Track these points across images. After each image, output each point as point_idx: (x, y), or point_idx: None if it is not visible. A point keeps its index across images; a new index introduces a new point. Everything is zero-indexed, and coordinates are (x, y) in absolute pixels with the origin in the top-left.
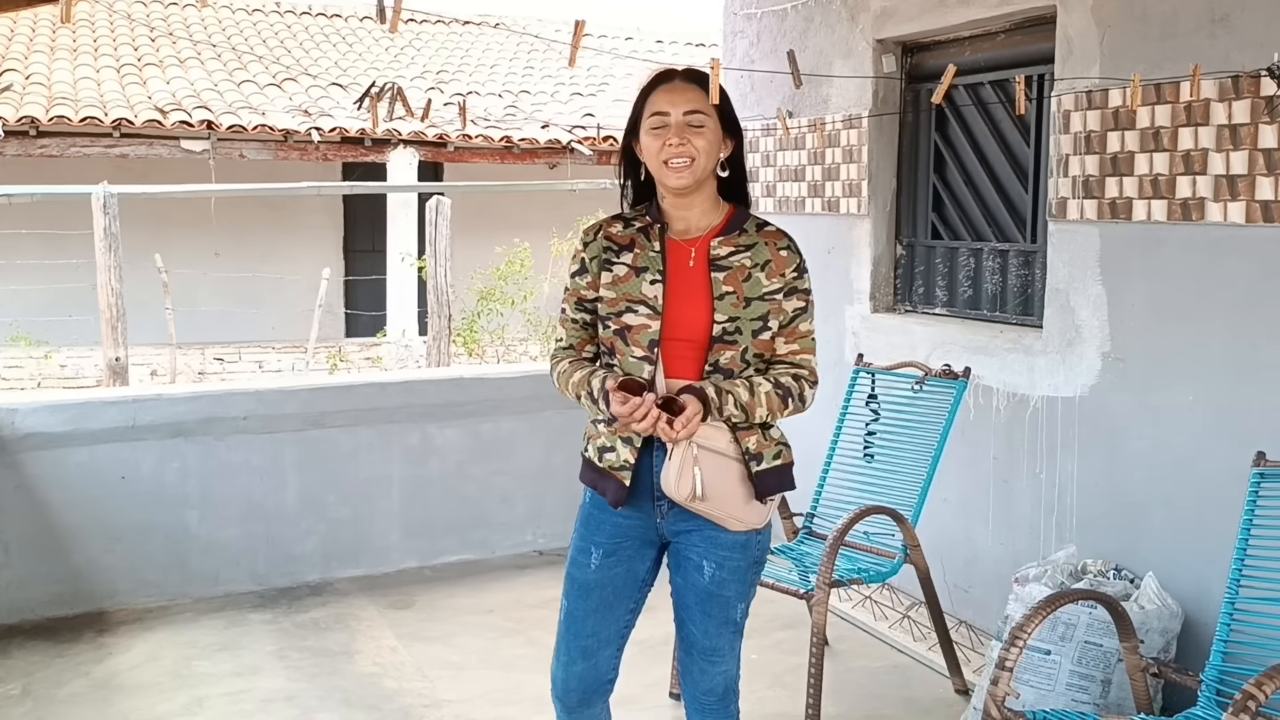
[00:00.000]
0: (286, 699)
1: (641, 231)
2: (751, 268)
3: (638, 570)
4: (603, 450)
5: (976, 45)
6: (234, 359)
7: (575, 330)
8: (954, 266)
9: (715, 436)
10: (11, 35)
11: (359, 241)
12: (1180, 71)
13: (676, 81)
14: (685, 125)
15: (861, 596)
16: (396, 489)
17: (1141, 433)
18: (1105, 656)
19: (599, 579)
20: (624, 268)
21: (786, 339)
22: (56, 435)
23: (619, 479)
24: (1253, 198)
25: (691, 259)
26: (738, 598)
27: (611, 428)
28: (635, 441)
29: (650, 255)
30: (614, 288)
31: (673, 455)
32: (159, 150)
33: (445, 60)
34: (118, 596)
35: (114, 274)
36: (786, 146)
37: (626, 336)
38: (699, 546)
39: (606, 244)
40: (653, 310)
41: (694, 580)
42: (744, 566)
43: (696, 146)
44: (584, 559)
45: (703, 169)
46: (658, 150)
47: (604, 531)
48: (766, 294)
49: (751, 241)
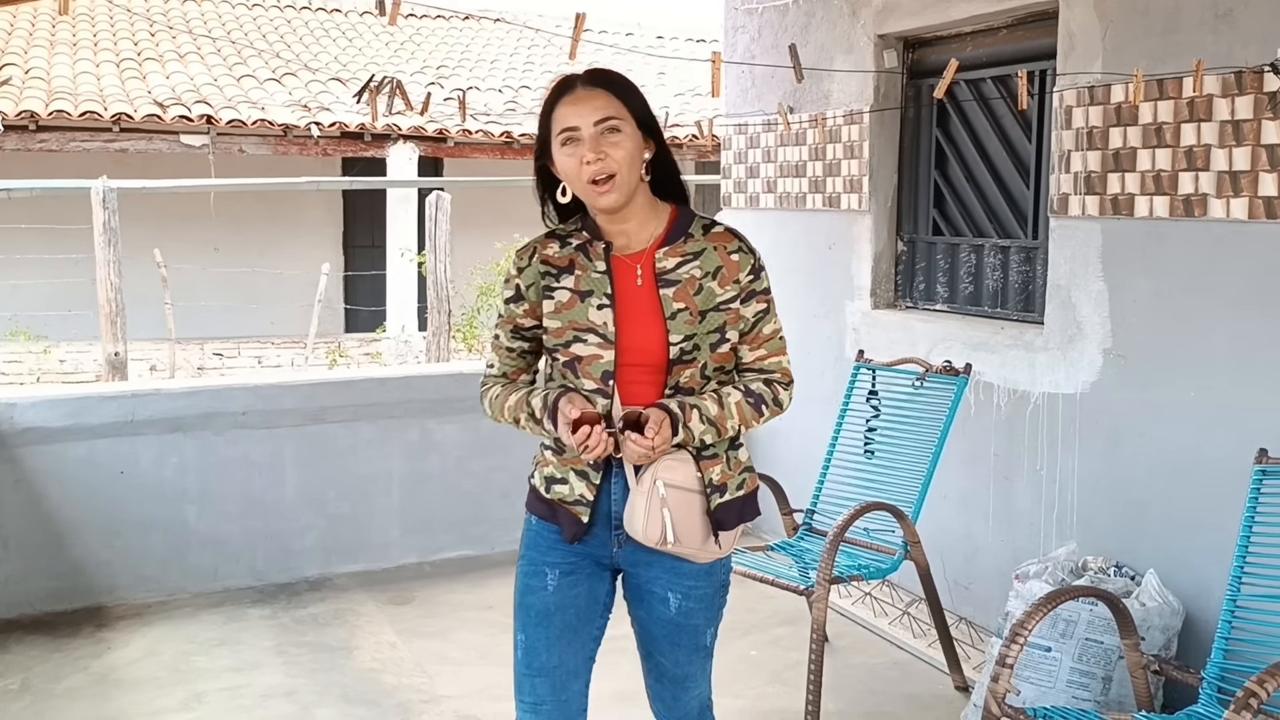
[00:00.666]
0: (285, 694)
1: (581, 250)
2: (702, 278)
3: (598, 591)
4: (551, 481)
5: (978, 40)
6: (233, 354)
7: (510, 359)
8: (955, 262)
9: (678, 469)
10: (11, 29)
11: (359, 237)
12: (1183, 67)
13: (579, 90)
14: (599, 137)
15: (861, 593)
16: (396, 484)
17: (1143, 429)
18: (1106, 653)
19: (559, 601)
20: (566, 293)
21: (751, 345)
22: (55, 430)
23: (575, 514)
24: (1255, 194)
25: (639, 277)
26: (707, 624)
27: (561, 457)
28: (592, 475)
29: (594, 277)
30: (558, 316)
31: (636, 494)
32: (158, 145)
33: (445, 55)
34: (116, 591)
35: (113, 269)
36: (788, 142)
37: (577, 368)
38: (662, 578)
39: (544, 268)
40: (604, 339)
41: (659, 613)
42: (710, 593)
43: (616, 160)
44: (538, 583)
45: (627, 181)
46: (577, 171)
47: (557, 552)
48: (721, 304)
49: (699, 248)
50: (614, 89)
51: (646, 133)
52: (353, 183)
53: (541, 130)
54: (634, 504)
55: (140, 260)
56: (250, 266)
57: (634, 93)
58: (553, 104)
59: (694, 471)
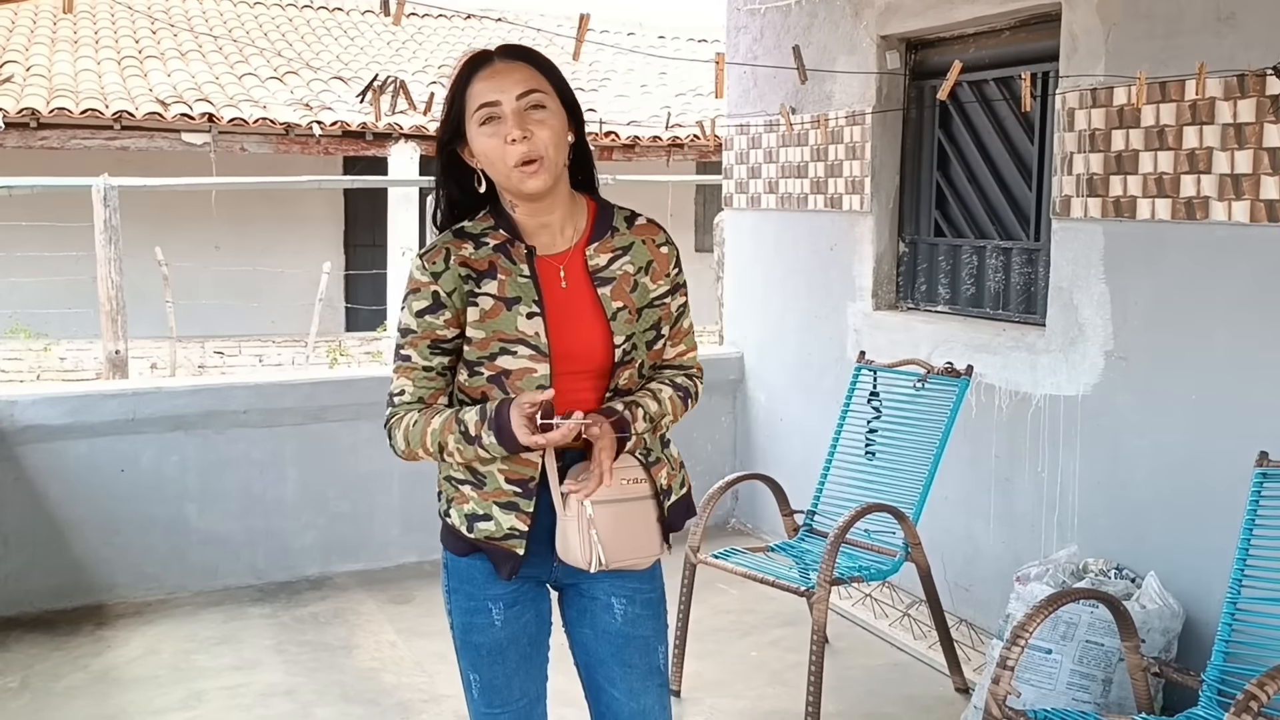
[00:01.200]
0: (285, 693)
1: (500, 250)
2: (635, 273)
3: (544, 610)
4: (473, 519)
5: (981, 42)
6: (234, 352)
7: (426, 380)
8: (957, 264)
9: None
10: (12, 27)
11: (360, 236)
12: (1185, 70)
13: (497, 63)
14: (523, 114)
15: (862, 594)
16: (396, 483)
17: (1144, 432)
18: (1106, 656)
19: (511, 634)
20: (489, 299)
21: (673, 341)
22: (56, 428)
23: (508, 550)
24: (1257, 197)
25: (562, 278)
26: (656, 637)
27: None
28: (522, 504)
29: (519, 281)
30: (482, 325)
31: (565, 521)
32: (160, 143)
33: (447, 54)
34: (117, 590)
35: (114, 266)
36: (790, 143)
37: (504, 383)
38: (603, 583)
39: (464, 271)
40: (536, 350)
41: (604, 624)
42: (656, 598)
43: (543, 140)
44: (483, 620)
45: (555, 163)
46: (501, 153)
47: (496, 584)
48: (655, 300)
49: (627, 242)
50: (534, 63)
51: (569, 115)
52: (354, 182)
53: (452, 109)
54: (565, 531)
55: (141, 258)
56: (251, 265)
57: (555, 69)
58: (466, 79)
59: (620, 480)
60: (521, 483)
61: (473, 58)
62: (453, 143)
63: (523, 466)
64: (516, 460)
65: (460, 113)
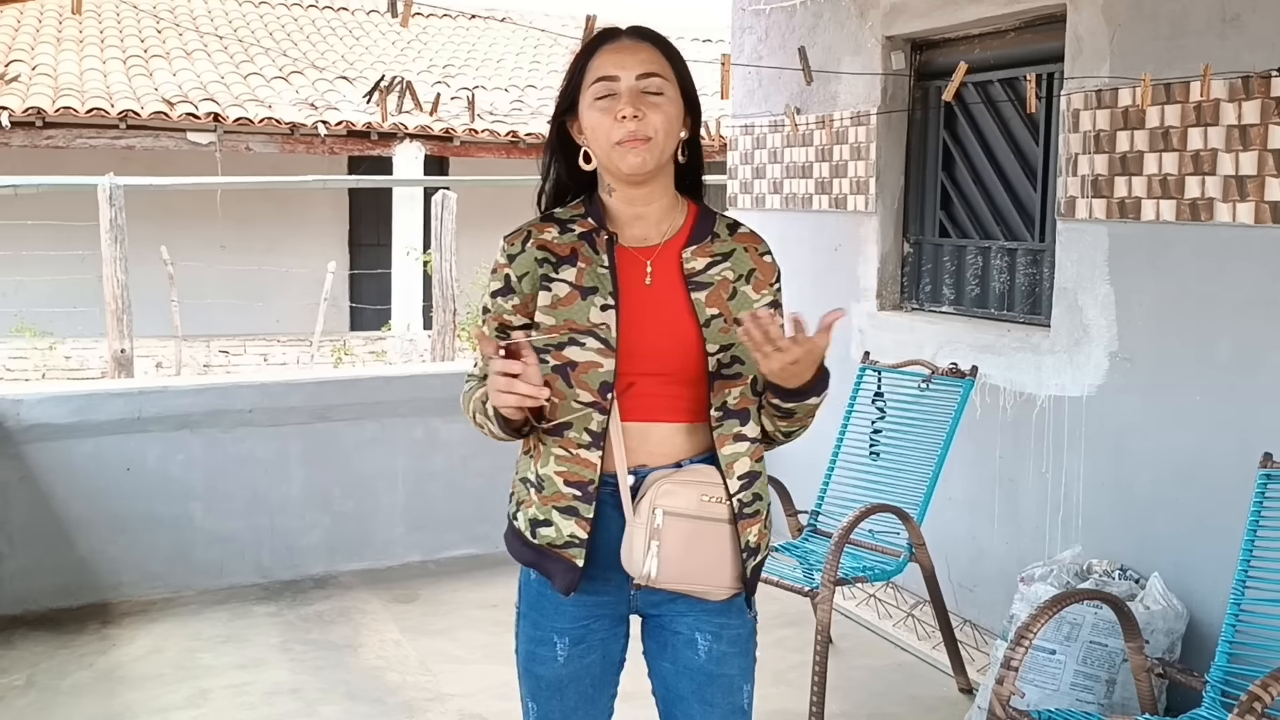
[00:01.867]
0: (290, 691)
1: (584, 239)
2: (735, 280)
3: (614, 653)
4: (535, 524)
5: (986, 43)
6: (239, 352)
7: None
8: (961, 265)
9: (680, 494)
10: (18, 26)
11: (364, 235)
12: (1190, 71)
13: (624, 39)
14: (640, 93)
15: (866, 595)
16: (401, 483)
17: (1148, 433)
18: (1110, 656)
19: (572, 672)
20: (565, 286)
21: None
22: (62, 426)
23: (568, 559)
24: (1262, 198)
25: (648, 275)
26: (742, 676)
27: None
28: (581, 509)
29: (598, 272)
30: (553, 312)
31: (634, 527)
32: (165, 142)
33: (452, 54)
34: (122, 588)
35: (119, 266)
36: (794, 143)
37: (570, 376)
38: (688, 616)
39: (542, 255)
40: (604, 344)
41: (687, 660)
42: (745, 635)
43: (655, 123)
44: (546, 652)
45: (662, 150)
46: (608, 128)
47: (564, 615)
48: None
49: (728, 248)
50: (662, 47)
51: (687, 106)
52: (359, 181)
53: (571, 80)
54: (630, 538)
55: (146, 257)
56: (256, 264)
57: (681, 60)
58: (590, 51)
59: (698, 495)
60: (580, 485)
61: (601, 32)
62: (565, 115)
63: (581, 468)
64: (574, 461)
65: (577, 85)
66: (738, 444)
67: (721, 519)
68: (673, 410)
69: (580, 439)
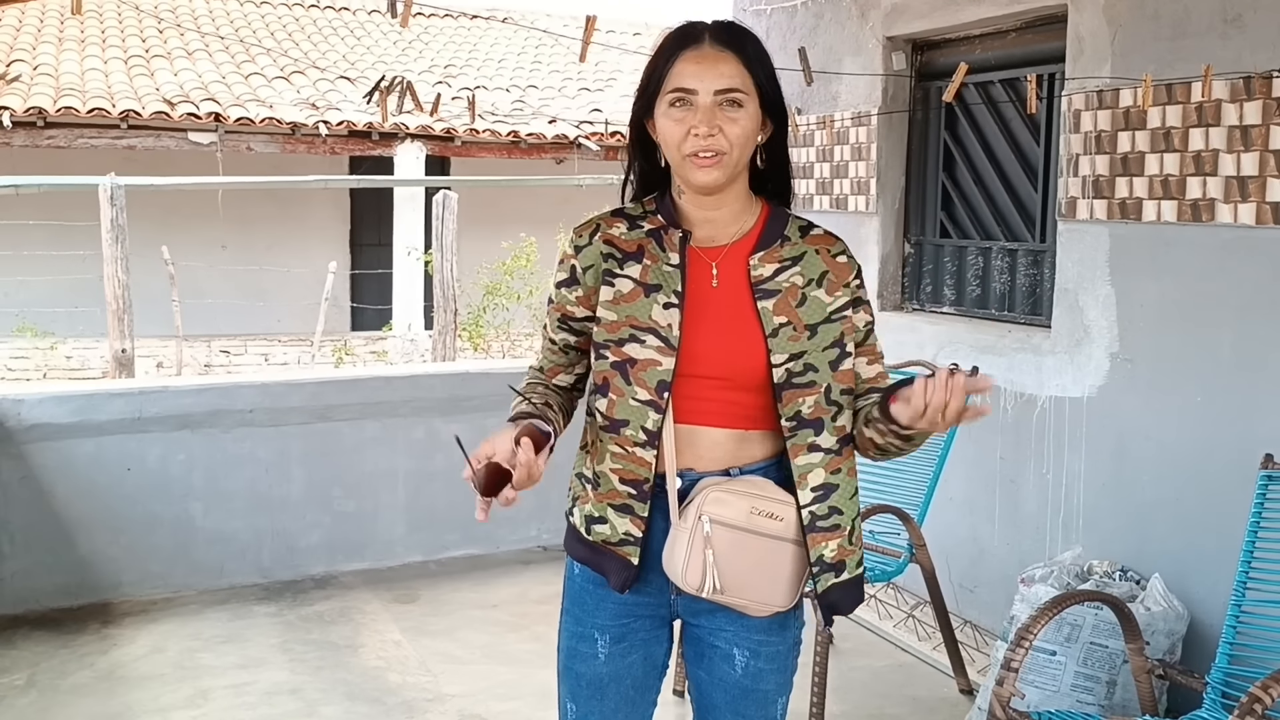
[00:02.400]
0: (290, 692)
1: (653, 236)
2: (804, 286)
3: (656, 655)
4: (591, 520)
5: (987, 43)
6: (240, 351)
7: (551, 353)
8: (962, 265)
9: (730, 504)
10: (20, 26)
11: (365, 235)
12: (1191, 72)
13: (706, 46)
14: (716, 109)
15: (867, 595)
16: (401, 483)
17: (1149, 434)
18: (1110, 658)
19: (613, 671)
20: (629, 282)
21: (870, 359)
22: (62, 426)
23: (623, 557)
24: (1263, 199)
25: (714, 277)
26: (778, 690)
27: (597, 491)
28: (637, 508)
29: (665, 270)
30: (615, 307)
31: (678, 531)
32: (166, 142)
33: (453, 54)
34: (122, 588)
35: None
36: (795, 143)
37: (629, 373)
38: (727, 630)
39: (607, 249)
40: (665, 342)
41: (722, 674)
42: (784, 651)
43: (729, 137)
44: (587, 649)
45: (736, 163)
46: (680, 139)
47: (606, 611)
48: (834, 313)
49: (798, 252)
50: (744, 55)
51: (768, 111)
52: (360, 181)
53: (649, 82)
54: (673, 542)
55: (148, 257)
56: (257, 264)
57: (765, 63)
58: (671, 55)
59: (748, 508)
60: (635, 483)
61: (683, 32)
62: (645, 111)
63: (637, 466)
64: (630, 459)
65: (656, 87)
66: (812, 454)
67: (771, 535)
68: (726, 416)
69: (636, 437)
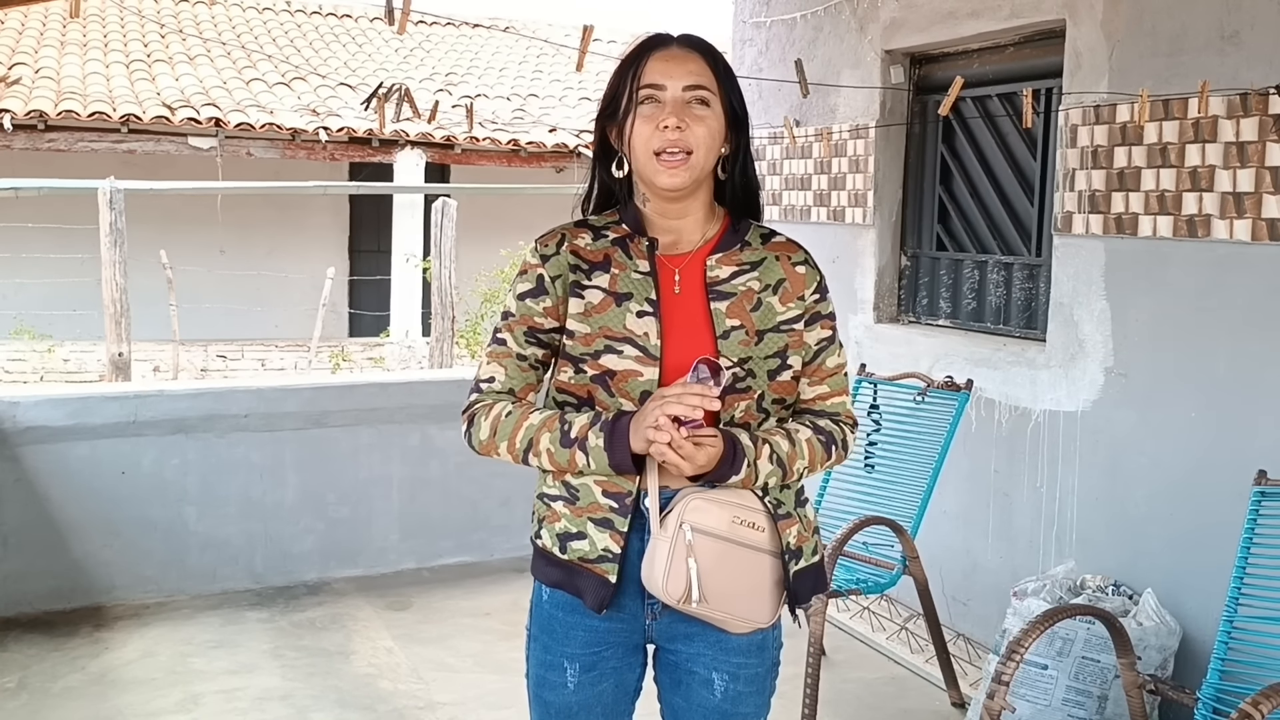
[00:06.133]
0: (281, 698)
1: (618, 245)
2: (761, 291)
3: (628, 682)
4: (565, 538)
5: (985, 58)
6: (237, 356)
7: (519, 369)
8: (958, 278)
9: (711, 512)
10: (22, 30)
11: (364, 241)
12: (1188, 88)
13: (674, 48)
14: (684, 105)
15: (860, 608)
16: (396, 490)
17: (1143, 448)
18: (1102, 672)
19: (582, 700)
20: (599, 293)
21: (812, 380)
22: (58, 429)
23: (600, 575)
24: (1259, 215)
25: (676, 283)
26: (756, 713)
27: (575, 506)
28: (617, 523)
29: (635, 278)
30: (587, 320)
31: (658, 540)
32: (166, 147)
33: (454, 63)
34: (115, 592)
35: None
36: (793, 155)
37: (609, 385)
38: (705, 655)
39: (574, 260)
40: (644, 352)
41: (701, 699)
42: (763, 673)
43: (697, 136)
44: (555, 677)
45: (701, 166)
46: (647, 136)
47: (575, 640)
48: (783, 324)
49: (758, 257)
50: (711, 59)
51: (730, 122)
52: (360, 188)
53: (616, 84)
54: (654, 550)
55: (146, 261)
56: (256, 269)
57: (730, 75)
58: (639, 57)
59: (730, 517)
60: (619, 497)
61: (650, 38)
62: (607, 121)
63: (622, 479)
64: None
65: (623, 90)
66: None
67: (752, 545)
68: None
69: None
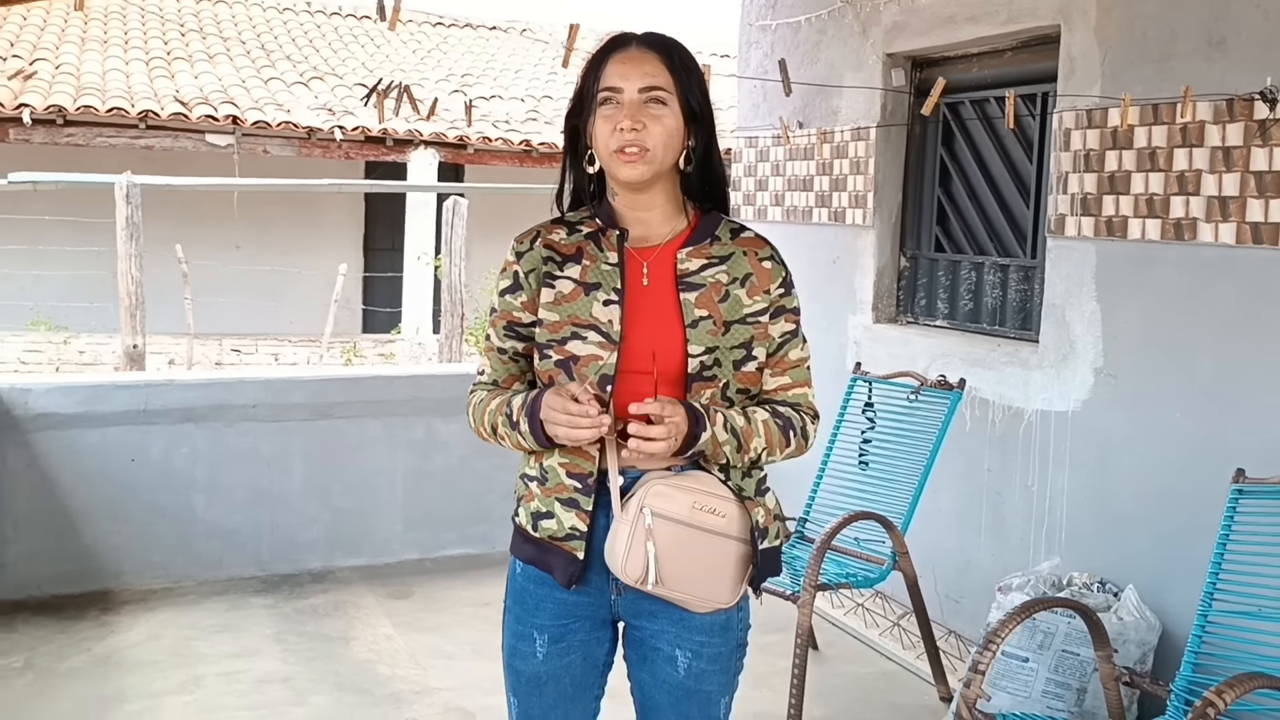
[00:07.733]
0: (281, 680)
1: (591, 239)
2: (729, 284)
3: (596, 655)
4: (537, 516)
5: (984, 62)
6: (250, 351)
7: (501, 363)
8: (956, 279)
9: (674, 498)
10: (44, 26)
11: (379, 239)
12: (1178, 93)
13: (633, 49)
14: (641, 106)
15: (854, 603)
16: (400, 481)
17: (1130, 448)
18: (1082, 665)
19: (551, 670)
20: (569, 283)
21: (774, 371)
22: (69, 416)
23: (568, 552)
24: (1244, 219)
25: (645, 275)
26: (721, 690)
27: (545, 486)
28: (582, 502)
29: (604, 269)
30: (556, 308)
31: (619, 523)
32: (184, 143)
33: (471, 64)
34: (123, 576)
35: (134, 263)
36: (796, 156)
37: (572, 369)
38: (669, 632)
39: (547, 254)
40: (605, 338)
41: (665, 675)
42: (726, 653)
43: (653, 135)
44: (526, 647)
45: (660, 160)
46: (608, 135)
47: (545, 612)
48: (749, 316)
49: (726, 251)
50: (669, 59)
51: (689, 117)
52: (373, 186)
53: (583, 85)
54: (615, 532)
55: (162, 255)
56: (270, 265)
57: (693, 71)
58: (601, 59)
59: (690, 502)
60: (580, 477)
61: (613, 39)
62: (576, 120)
63: (582, 460)
64: (576, 453)
65: (588, 90)
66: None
67: (713, 530)
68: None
69: None
